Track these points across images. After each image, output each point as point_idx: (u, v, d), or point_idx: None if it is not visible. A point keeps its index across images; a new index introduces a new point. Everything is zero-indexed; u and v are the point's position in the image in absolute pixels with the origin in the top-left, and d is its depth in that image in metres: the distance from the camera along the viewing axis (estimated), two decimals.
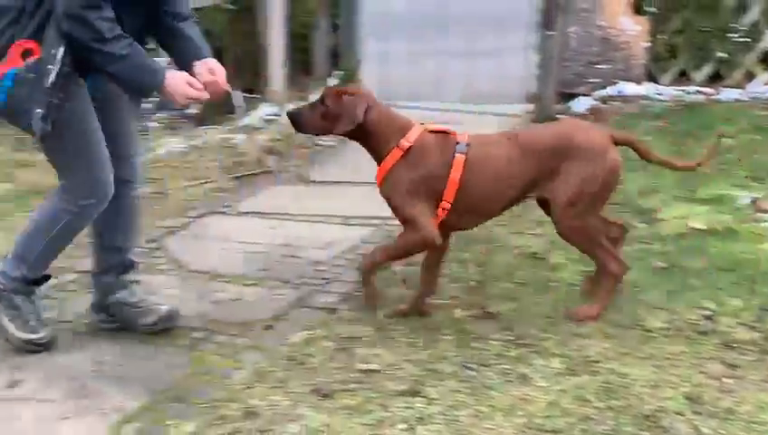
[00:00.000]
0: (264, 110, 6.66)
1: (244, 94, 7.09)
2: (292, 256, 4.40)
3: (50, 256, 3.49)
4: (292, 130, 3.65)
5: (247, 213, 5.08)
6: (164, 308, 3.63)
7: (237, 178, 5.78)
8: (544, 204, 3.59)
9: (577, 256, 3.85)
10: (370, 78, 7.29)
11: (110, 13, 3.09)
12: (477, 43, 7.85)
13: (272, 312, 3.78)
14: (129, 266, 3.69)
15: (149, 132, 6.69)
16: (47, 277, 3.57)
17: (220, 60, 3.41)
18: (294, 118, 3.56)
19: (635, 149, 3.61)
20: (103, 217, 3.44)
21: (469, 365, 3.18)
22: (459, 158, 3.42)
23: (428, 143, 3.46)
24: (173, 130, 6.69)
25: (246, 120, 6.64)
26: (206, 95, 3.26)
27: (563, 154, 3.41)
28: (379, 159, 3.51)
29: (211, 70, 3.30)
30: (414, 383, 3.05)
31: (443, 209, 3.45)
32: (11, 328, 3.45)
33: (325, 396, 3.00)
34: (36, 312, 3.51)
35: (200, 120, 6.81)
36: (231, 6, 7.00)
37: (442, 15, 7.83)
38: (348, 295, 3.88)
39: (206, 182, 5.67)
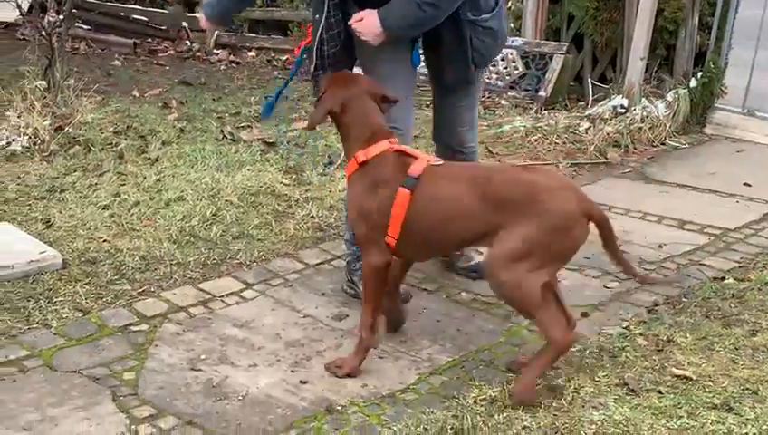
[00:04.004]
0: (616, 101, 6.54)
1: (597, 83, 7.01)
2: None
3: None
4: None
5: None
6: (475, 259, 3.93)
7: (575, 164, 5.74)
8: None
9: None
10: (735, 85, 6.89)
11: None
12: None
13: (590, 300, 3.75)
14: None
15: (498, 109, 6.84)
16: None
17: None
18: (316, 80, 3.43)
19: (600, 232, 3.00)
20: None
21: None
22: (403, 193, 2.97)
23: (381, 166, 3.03)
24: (522, 110, 6.77)
25: (595, 109, 6.56)
26: None
27: (523, 210, 2.84)
28: (346, 158, 3.21)
29: None
30: (730, 399, 2.89)
31: (391, 238, 3.02)
32: None
33: (633, 392, 2.94)
34: None
35: (548, 103, 6.82)
36: None
37: None
38: (671, 299, 3.74)
39: (543, 164, 5.70)
